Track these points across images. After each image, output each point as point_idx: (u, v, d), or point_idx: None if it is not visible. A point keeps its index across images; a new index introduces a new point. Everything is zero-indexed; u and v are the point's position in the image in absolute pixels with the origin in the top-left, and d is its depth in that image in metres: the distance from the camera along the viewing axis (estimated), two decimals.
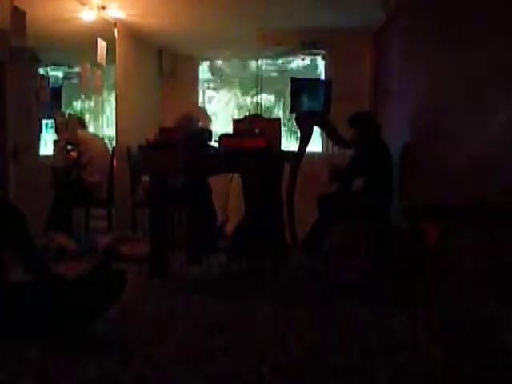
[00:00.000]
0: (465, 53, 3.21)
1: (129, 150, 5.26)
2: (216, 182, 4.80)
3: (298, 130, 4.57)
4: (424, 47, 4.07)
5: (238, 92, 6.93)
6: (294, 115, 5.19)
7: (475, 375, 1.78)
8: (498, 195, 2.51)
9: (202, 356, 1.96)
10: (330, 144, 4.73)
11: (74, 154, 4.81)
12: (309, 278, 3.66)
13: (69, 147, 4.82)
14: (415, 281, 3.14)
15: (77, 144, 4.86)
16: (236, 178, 4.42)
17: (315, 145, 5.86)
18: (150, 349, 2.03)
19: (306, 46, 6.04)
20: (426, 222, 3.10)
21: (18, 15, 4.05)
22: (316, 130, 4.71)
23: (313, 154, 5.41)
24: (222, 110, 7.00)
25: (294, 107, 6.03)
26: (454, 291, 2.70)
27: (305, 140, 4.47)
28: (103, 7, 5.08)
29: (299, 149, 4.44)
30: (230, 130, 3.93)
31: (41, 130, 4.79)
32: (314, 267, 4.06)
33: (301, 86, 6.07)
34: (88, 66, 5.16)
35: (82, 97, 5.51)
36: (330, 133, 4.53)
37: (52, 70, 5.10)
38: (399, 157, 4.34)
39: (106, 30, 5.33)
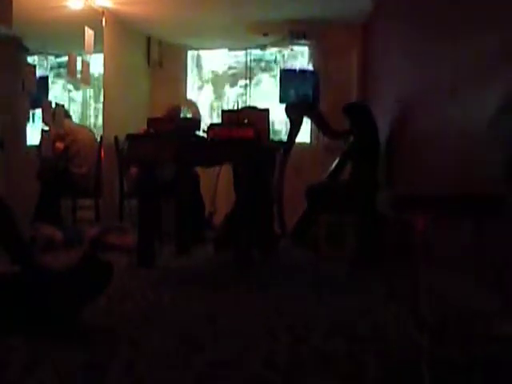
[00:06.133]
0: (451, 41, 3.21)
1: (116, 139, 5.23)
2: (204, 173, 4.79)
3: (288, 120, 4.58)
4: (410, 36, 4.07)
5: (227, 82, 6.90)
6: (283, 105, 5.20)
7: (462, 364, 1.80)
8: (485, 185, 2.53)
9: (191, 345, 1.96)
10: (319, 134, 4.75)
11: (60, 145, 4.77)
12: (297, 268, 3.67)
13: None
14: (402, 270, 3.17)
15: (64, 135, 4.82)
16: (224, 169, 4.42)
17: (304, 135, 5.87)
18: (138, 338, 2.03)
19: (295, 36, 6.04)
20: (413, 211, 3.12)
21: (4, 3, 4.00)
22: (306, 121, 4.72)
23: (301, 145, 5.42)
24: (210, 101, 6.97)
25: (284, 98, 6.03)
26: (441, 280, 2.72)
27: (294, 130, 4.47)
28: None
29: (288, 138, 4.44)
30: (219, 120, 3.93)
31: (28, 120, 4.75)
32: (302, 257, 4.07)
33: (290, 77, 6.08)
34: (75, 55, 5.11)
35: (69, 86, 5.46)
36: (318, 123, 4.54)
37: (39, 58, 5.05)
38: (386, 146, 4.35)
39: (93, 18, 5.29)
